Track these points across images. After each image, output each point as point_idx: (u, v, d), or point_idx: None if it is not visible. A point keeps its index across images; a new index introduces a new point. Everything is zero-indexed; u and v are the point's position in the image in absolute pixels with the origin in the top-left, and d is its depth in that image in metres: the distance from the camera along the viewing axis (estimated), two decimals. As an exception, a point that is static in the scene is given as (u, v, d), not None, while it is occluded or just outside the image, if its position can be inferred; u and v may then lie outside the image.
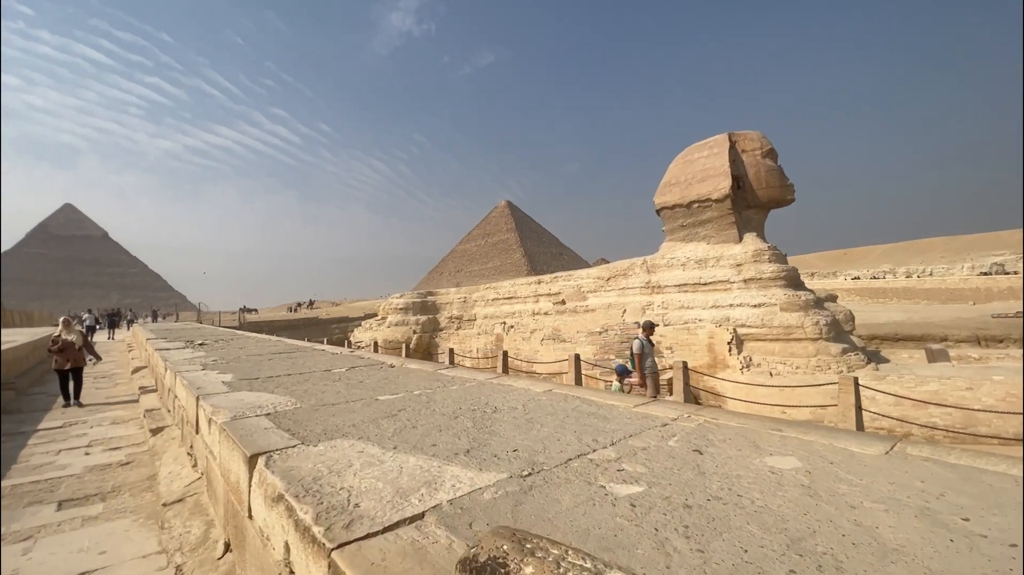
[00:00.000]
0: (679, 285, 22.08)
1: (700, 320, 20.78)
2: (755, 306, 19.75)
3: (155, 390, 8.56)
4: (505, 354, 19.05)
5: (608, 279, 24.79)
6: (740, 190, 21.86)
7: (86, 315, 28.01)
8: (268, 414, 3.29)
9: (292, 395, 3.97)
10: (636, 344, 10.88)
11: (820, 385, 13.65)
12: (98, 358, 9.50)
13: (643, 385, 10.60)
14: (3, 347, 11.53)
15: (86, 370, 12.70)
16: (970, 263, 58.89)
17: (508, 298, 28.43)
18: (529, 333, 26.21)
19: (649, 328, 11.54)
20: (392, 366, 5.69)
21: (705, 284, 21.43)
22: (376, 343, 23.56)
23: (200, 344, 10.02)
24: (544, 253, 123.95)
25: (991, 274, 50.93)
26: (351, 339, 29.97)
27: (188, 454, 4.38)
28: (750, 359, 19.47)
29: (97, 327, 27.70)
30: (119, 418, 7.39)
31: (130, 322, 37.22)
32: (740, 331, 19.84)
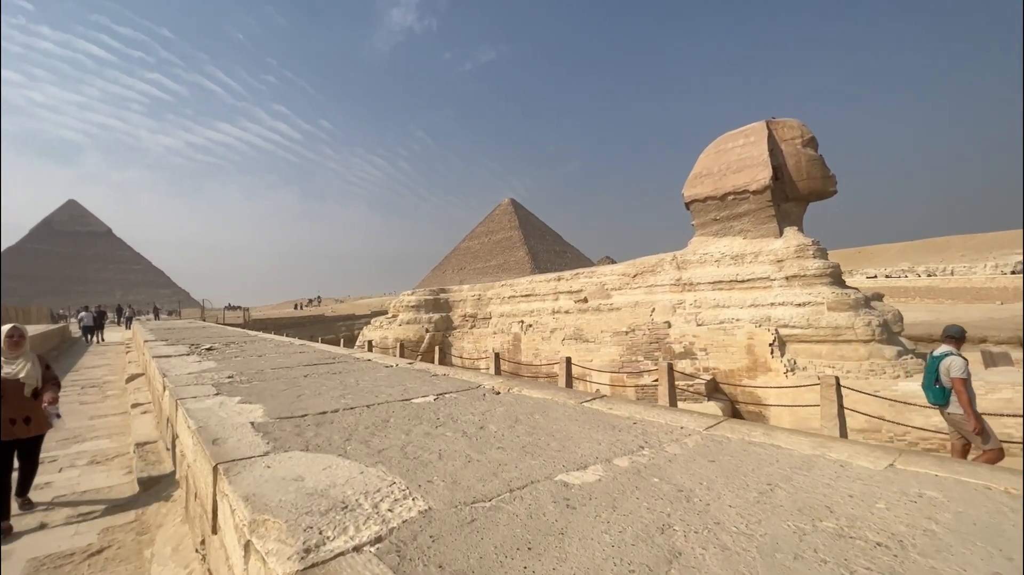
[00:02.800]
0: (713, 282, 20.85)
1: (737, 320, 19.56)
2: (799, 305, 18.54)
3: (152, 410, 6.83)
4: (497, 356, 17.78)
5: (634, 276, 23.56)
6: (778, 181, 20.61)
7: (84, 313, 24.11)
8: (378, 539, 1.60)
9: (390, 466, 2.29)
10: (958, 364, 6.83)
11: (881, 396, 12.35)
12: (58, 416, 4.72)
13: (979, 431, 6.76)
14: None
15: (72, 379, 10.24)
16: (993, 262, 57.44)
17: (525, 296, 27.25)
18: (549, 332, 25.01)
19: (960, 338, 7.52)
20: (496, 392, 3.98)
21: (742, 281, 20.18)
22: (401, 344, 22.45)
23: (208, 349, 8.26)
24: (547, 251, 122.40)
25: (1017, 273, 49.65)
26: (361, 337, 28.83)
27: (197, 551, 2.86)
28: (795, 362, 18.28)
29: (94, 327, 23.65)
30: (101, 453, 5.62)
31: (128, 319, 34.31)
32: (783, 332, 18.64)
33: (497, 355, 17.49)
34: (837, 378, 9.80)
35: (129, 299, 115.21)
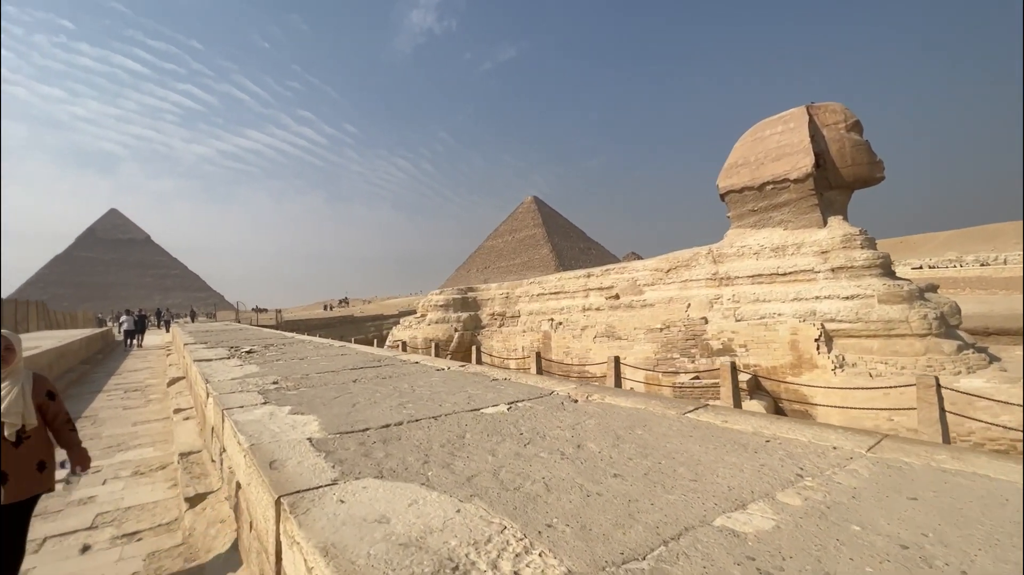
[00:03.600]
0: (752, 276, 19.89)
1: (779, 315, 18.61)
2: (847, 298, 17.51)
3: (195, 415, 6.54)
4: (539, 355, 17.24)
5: (668, 271, 22.74)
6: (821, 168, 19.52)
7: (125, 317, 23.27)
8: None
9: (491, 502, 1.87)
10: None
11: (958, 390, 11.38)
12: (74, 474, 3.28)
13: None
14: (24, 355, 9.68)
15: (115, 382, 10.05)
16: (1051, 249, 53.83)
17: (555, 293, 26.72)
18: (580, 330, 24.44)
19: None
20: (574, 400, 3.51)
21: (784, 274, 19.19)
22: (436, 345, 22.27)
23: (248, 352, 8.01)
24: (571, 248, 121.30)
25: (1080, 260, 46.43)
26: (391, 337, 28.83)
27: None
28: (843, 358, 17.27)
29: (136, 328, 23.01)
30: (145, 463, 5.34)
31: (167, 323, 34.94)
32: (829, 327, 17.62)
33: (539, 354, 17.03)
34: (937, 378, 8.97)
35: (168, 303, 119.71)
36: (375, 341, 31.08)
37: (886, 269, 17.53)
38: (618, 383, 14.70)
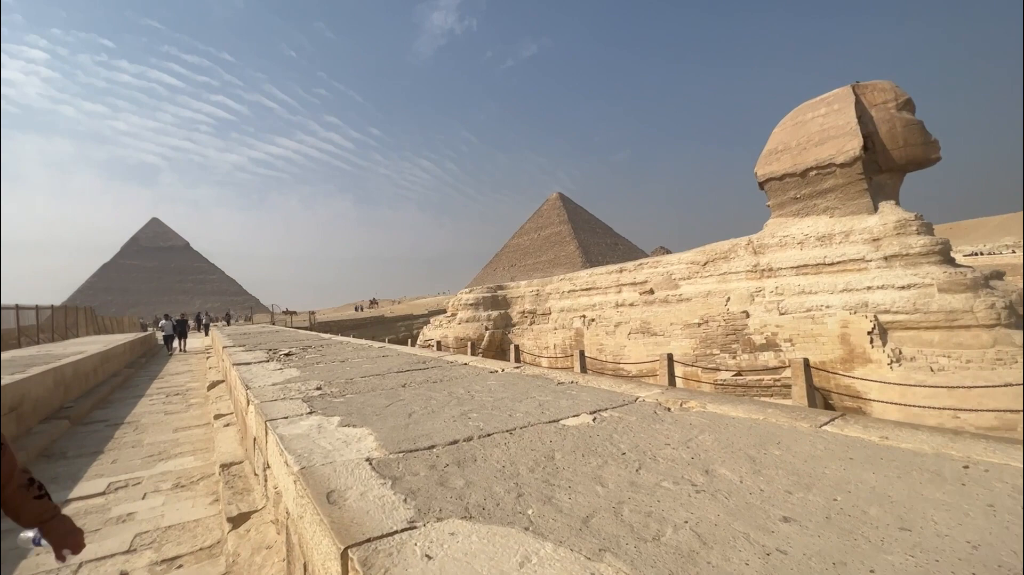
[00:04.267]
0: (797, 267, 18.84)
1: (828, 307, 17.57)
2: (903, 287, 16.37)
3: (235, 422, 6.29)
4: (582, 354, 16.59)
5: (704, 264, 21.80)
6: (869, 151, 18.33)
7: (164, 321, 22.97)
8: None
9: (630, 560, 1.37)
10: None
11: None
12: (37, 543, 1.65)
13: None
14: (68, 360, 9.73)
15: (158, 386, 9.95)
16: (1122, 231, 49.95)
17: (586, 289, 26.07)
18: (613, 327, 23.73)
19: None
20: (667, 407, 3.01)
21: (831, 264, 18.11)
22: (472, 344, 22.06)
23: (287, 355, 7.70)
24: (598, 244, 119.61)
25: None
26: (422, 337, 28.74)
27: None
28: (900, 352, 16.12)
29: (176, 332, 22.73)
30: (186, 474, 5.07)
31: (206, 326, 35.05)
32: (883, 319, 16.52)
33: (582, 352, 16.46)
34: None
35: (206, 307, 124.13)
36: (408, 341, 31.06)
37: (945, 256, 16.32)
38: (672, 382, 14.02)
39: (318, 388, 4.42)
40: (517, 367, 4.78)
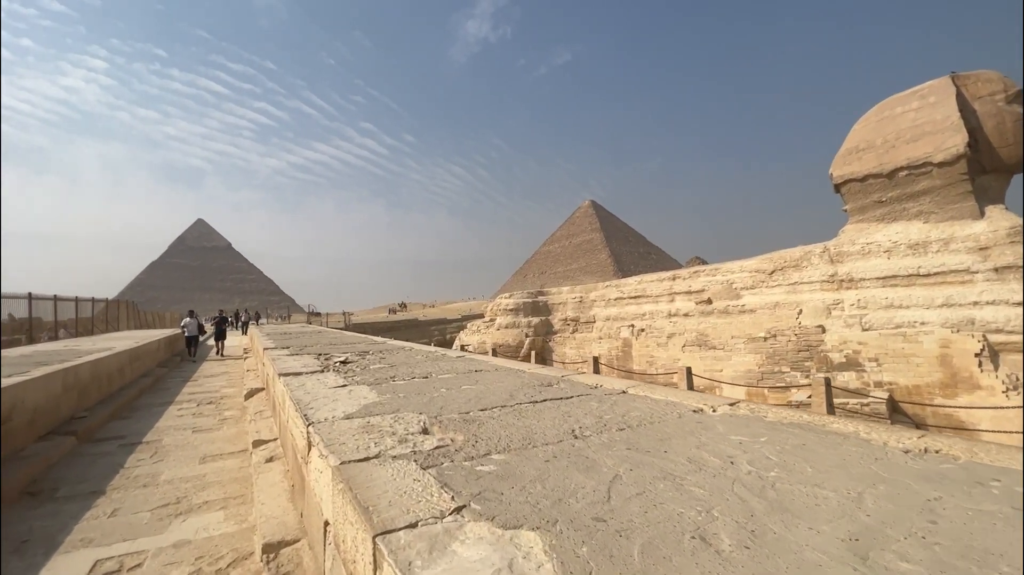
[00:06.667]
0: (884, 278, 16.86)
1: (923, 323, 15.54)
2: (1017, 304, 14.26)
3: (280, 451, 4.94)
4: (689, 371, 14.86)
5: (771, 273, 19.96)
6: (972, 149, 16.25)
7: (187, 319, 19.54)
8: None
9: None
10: None
11: None
12: None
13: None
14: (86, 359, 8.31)
15: (190, 391, 8.36)
16: None
17: (634, 297, 24.53)
18: (666, 338, 22.06)
19: None
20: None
21: (927, 275, 16.06)
22: (494, 349, 20.95)
23: (343, 363, 6.20)
24: (631, 253, 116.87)
25: None
26: (458, 341, 27.80)
27: None
28: (1017, 378, 14.01)
29: (215, 333, 20.48)
30: (212, 551, 3.48)
31: (244, 324, 31.38)
32: (993, 339, 14.43)
33: (688, 370, 14.94)
34: None
35: (245, 305, 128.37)
36: (451, 344, 30.29)
37: (1069, 269, 14.09)
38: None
39: (423, 429, 2.77)
40: (732, 404, 3.20)
